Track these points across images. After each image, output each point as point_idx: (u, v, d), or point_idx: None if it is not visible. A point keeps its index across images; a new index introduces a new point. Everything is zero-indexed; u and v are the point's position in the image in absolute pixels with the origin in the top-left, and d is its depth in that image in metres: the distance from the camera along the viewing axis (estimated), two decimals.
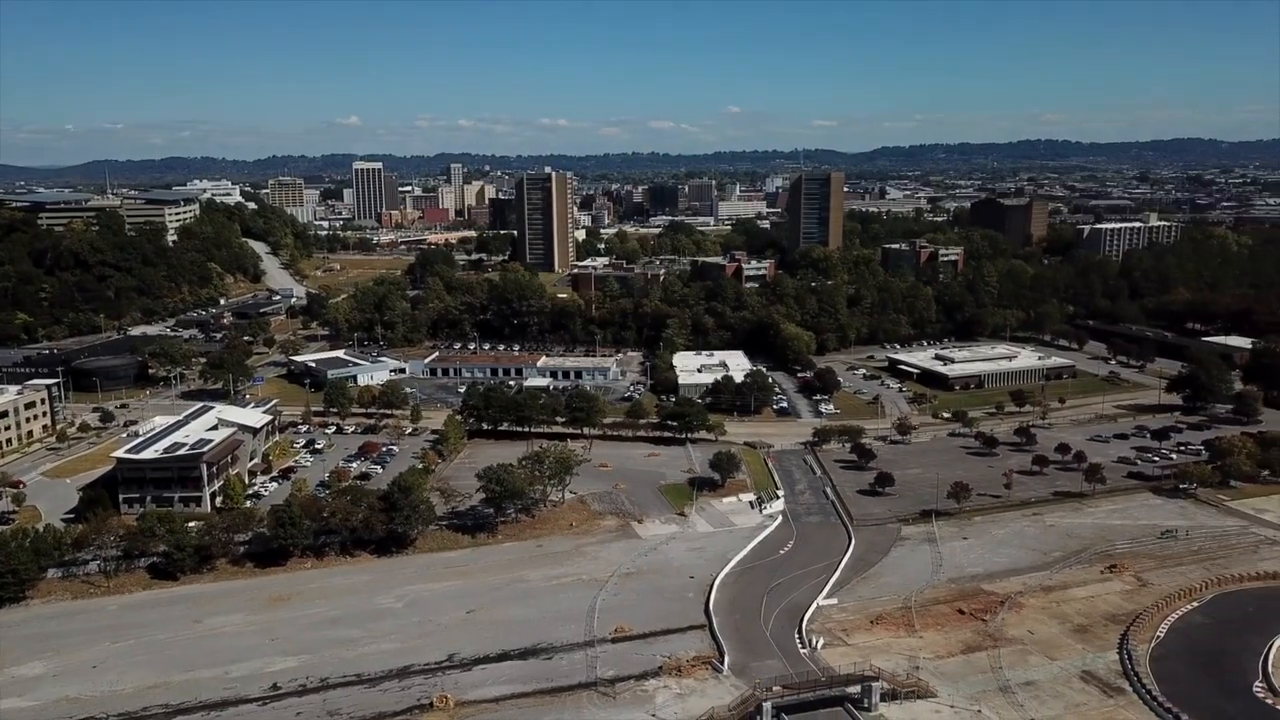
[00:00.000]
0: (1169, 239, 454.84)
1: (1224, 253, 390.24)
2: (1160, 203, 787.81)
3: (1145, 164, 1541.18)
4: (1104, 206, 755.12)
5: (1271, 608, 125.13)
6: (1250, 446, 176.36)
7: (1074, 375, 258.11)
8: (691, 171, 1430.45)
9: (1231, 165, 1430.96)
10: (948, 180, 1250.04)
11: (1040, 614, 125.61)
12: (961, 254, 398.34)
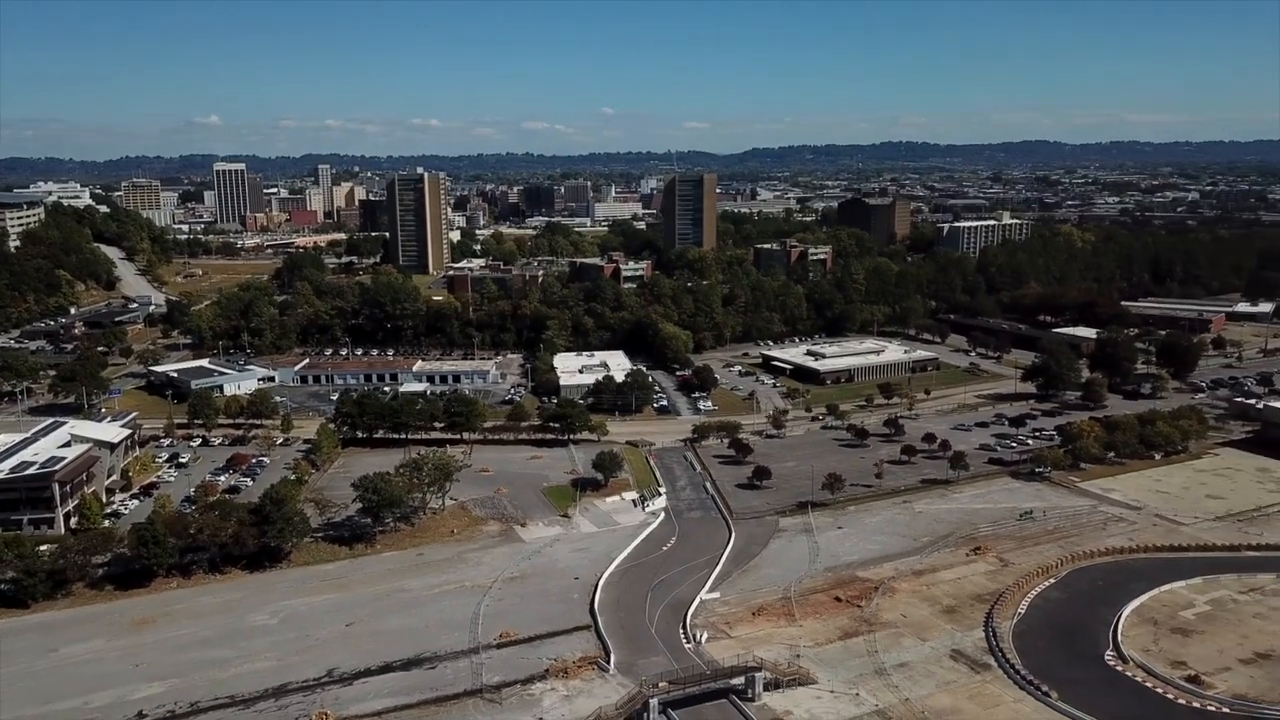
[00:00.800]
0: (1021, 236, 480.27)
1: (1070, 249, 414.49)
2: (1012, 202, 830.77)
3: (998, 165, 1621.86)
4: (961, 206, 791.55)
5: (1119, 580, 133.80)
6: (1097, 430, 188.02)
7: (937, 367, 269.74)
8: (567, 172, 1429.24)
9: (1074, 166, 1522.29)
10: (816, 181, 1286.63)
11: (912, 597, 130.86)
12: (830, 253, 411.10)
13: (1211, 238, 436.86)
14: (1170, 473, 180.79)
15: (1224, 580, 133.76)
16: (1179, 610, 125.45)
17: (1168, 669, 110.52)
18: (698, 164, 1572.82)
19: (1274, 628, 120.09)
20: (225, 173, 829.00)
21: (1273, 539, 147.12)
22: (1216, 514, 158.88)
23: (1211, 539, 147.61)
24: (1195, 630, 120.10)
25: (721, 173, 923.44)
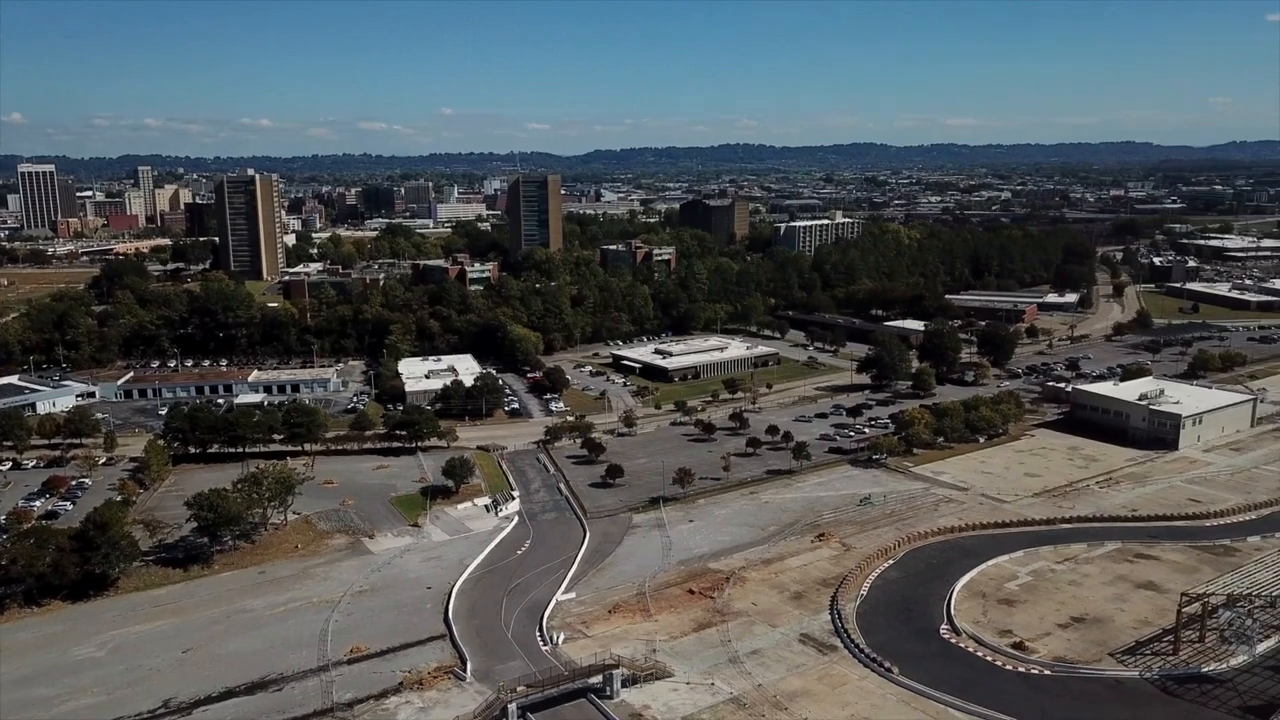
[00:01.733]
0: (853, 234, 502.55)
1: (898, 246, 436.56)
2: (844, 202, 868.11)
3: (830, 166, 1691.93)
4: (797, 206, 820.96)
5: (951, 558, 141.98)
6: (927, 417, 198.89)
7: (778, 362, 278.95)
8: (407, 173, 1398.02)
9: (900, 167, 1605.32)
10: (658, 182, 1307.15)
11: (762, 586, 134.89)
12: (674, 253, 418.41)
13: (1023, 234, 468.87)
14: (993, 454, 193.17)
15: (1042, 552, 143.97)
16: (1004, 582, 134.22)
17: (996, 638, 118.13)
18: (541, 165, 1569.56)
19: (1086, 594, 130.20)
20: (31, 175, 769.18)
21: (1083, 511, 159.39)
22: (1034, 491, 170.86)
23: (1031, 514, 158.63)
24: (1019, 600, 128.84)
25: (565, 174, 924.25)
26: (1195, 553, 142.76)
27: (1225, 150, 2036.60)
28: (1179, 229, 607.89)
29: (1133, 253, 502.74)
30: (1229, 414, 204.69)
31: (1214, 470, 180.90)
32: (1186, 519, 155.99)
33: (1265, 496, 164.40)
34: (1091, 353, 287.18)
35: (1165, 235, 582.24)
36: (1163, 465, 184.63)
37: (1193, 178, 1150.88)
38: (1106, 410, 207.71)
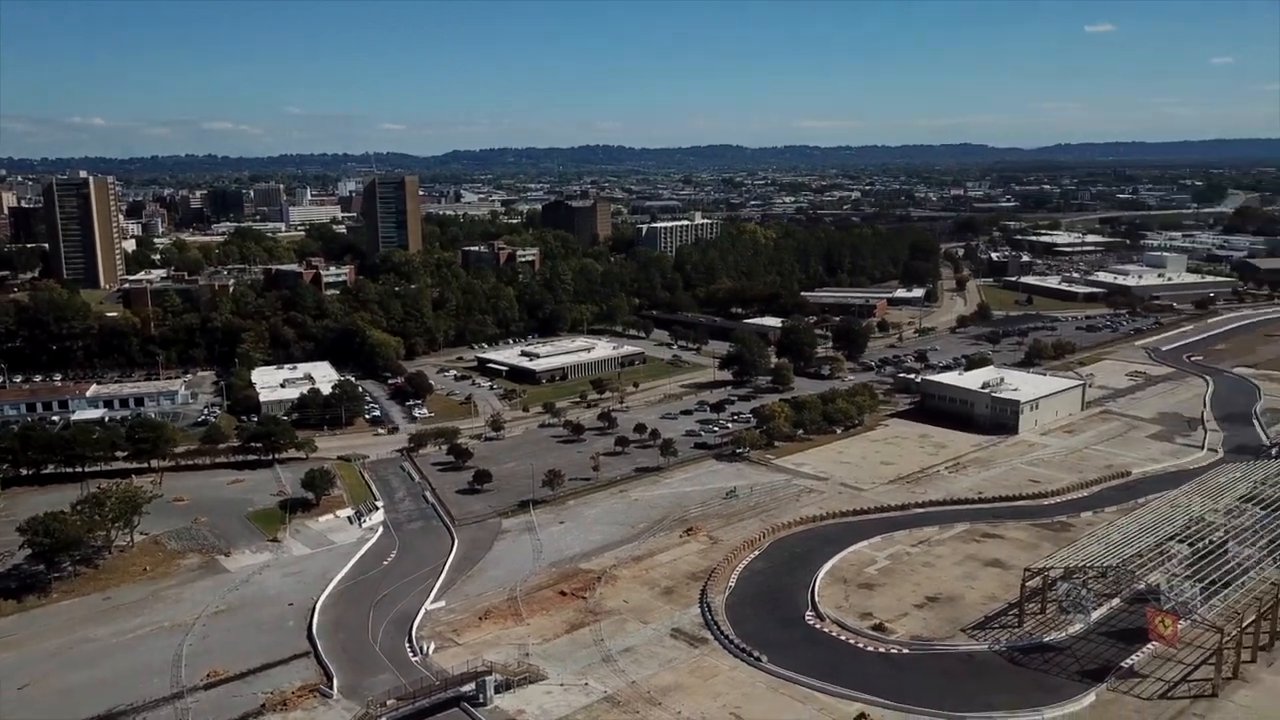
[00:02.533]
0: (712, 235, 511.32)
1: (755, 245, 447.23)
2: (703, 203, 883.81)
3: (688, 168, 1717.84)
4: (657, 207, 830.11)
5: (814, 546, 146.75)
6: (787, 411, 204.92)
7: (644, 361, 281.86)
8: (256, 175, 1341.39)
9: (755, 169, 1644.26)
10: (519, 183, 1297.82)
11: (633, 583, 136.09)
12: (538, 254, 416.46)
13: (873, 232, 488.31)
14: (850, 444, 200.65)
15: (898, 537, 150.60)
16: (864, 567, 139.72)
17: (857, 621, 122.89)
18: (398, 166, 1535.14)
19: (939, 574, 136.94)
20: None
21: (934, 496, 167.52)
22: (889, 478, 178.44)
23: (887, 501, 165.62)
24: (878, 583, 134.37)
25: (423, 175, 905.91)
26: (1036, 530, 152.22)
27: (1052, 152, 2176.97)
28: (1013, 226, 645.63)
29: (973, 249, 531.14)
30: (1062, 399, 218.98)
31: (1050, 452, 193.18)
32: (1027, 499, 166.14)
33: (1095, 475, 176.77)
34: (938, 344, 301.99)
35: (1001, 232, 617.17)
36: (1005, 449, 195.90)
37: (1024, 178, 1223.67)
38: (953, 399, 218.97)
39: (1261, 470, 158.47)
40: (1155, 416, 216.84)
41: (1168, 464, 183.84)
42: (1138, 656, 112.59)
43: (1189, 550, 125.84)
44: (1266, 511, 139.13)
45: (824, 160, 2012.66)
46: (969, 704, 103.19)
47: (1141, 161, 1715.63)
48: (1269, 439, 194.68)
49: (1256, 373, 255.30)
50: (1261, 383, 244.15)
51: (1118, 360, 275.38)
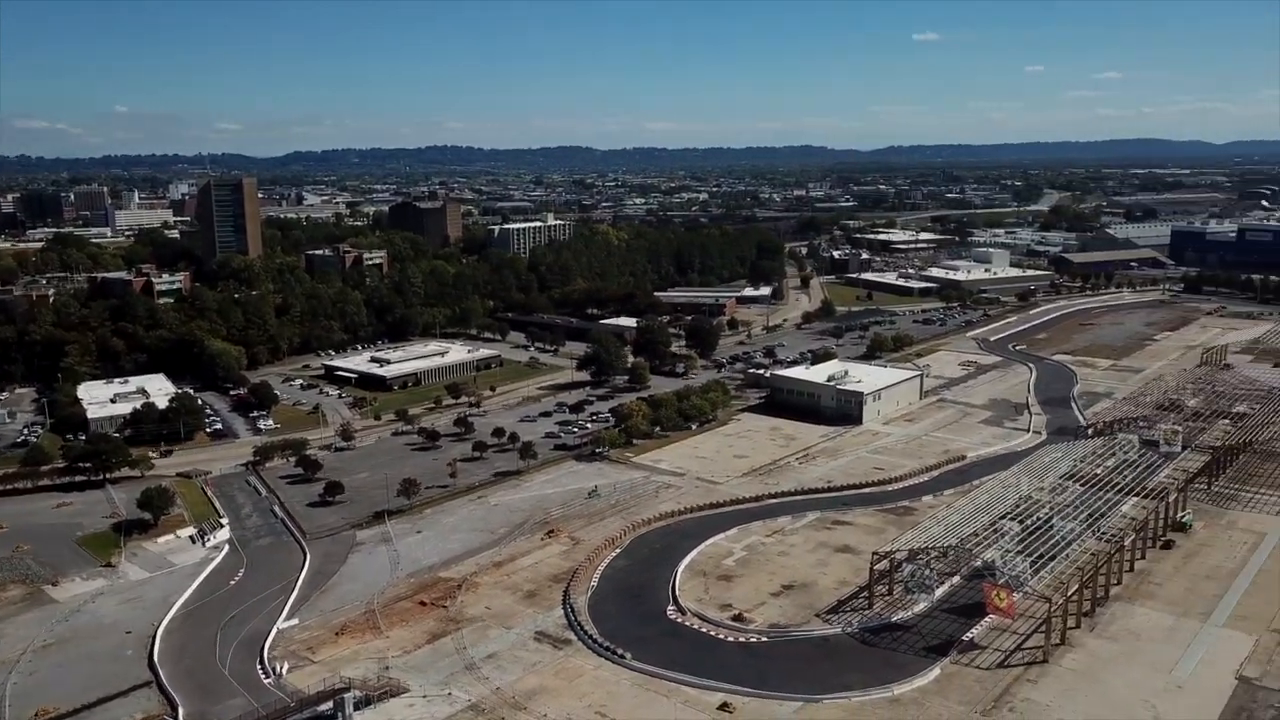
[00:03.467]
0: (565, 236, 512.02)
1: (608, 246, 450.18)
2: (555, 204, 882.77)
3: (539, 169, 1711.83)
4: (509, 208, 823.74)
5: (673, 541, 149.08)
6: (644, 409, 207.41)
7: (500, 364, 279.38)
8: (77, 177, 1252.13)
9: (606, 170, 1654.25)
10: (364, 185, 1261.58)
11: (495, 588, 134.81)
12: (386, 257, 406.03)
13: (720, 233, 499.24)
14: (705, 440, 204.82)
15: (753, 528, 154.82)
16: (722, 559, 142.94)
17: (717, 612, 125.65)
18: (235, 167, 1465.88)
19: (794, 562, 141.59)
20: None
21: (786, 486, 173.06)
22: (743, 471, 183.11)
23: (741, 493, 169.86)
24: (736, 574, 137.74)
25: (262, 176, 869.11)
26: (882, 515, 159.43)
27: (886, 154, 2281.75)
28: (853, 225, 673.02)
29: (815, 248, 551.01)
30: (902, 389, 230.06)
31: (892, 440, 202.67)
32: (873, 485, 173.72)
33: (934, 460, 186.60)
34: (785, 340, 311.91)
35: (842, 231, 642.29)
36: (851, 439, 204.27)
37: (861, 179, 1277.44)
38: (801, 392, 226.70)
39: (1079, 449, 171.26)
40: (986, 403, 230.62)
41: (998, 447, 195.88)
42: (977, 630, 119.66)
43: (1019, 527, 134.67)
44: (1085, 488, 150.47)
45: (672, 162, 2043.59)
46: (825, 686, 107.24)
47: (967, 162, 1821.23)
48: (1085, 420, 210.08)
49: (1073, 359, 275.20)
50: (1077, 368, 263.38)
51: (951, 351, 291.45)
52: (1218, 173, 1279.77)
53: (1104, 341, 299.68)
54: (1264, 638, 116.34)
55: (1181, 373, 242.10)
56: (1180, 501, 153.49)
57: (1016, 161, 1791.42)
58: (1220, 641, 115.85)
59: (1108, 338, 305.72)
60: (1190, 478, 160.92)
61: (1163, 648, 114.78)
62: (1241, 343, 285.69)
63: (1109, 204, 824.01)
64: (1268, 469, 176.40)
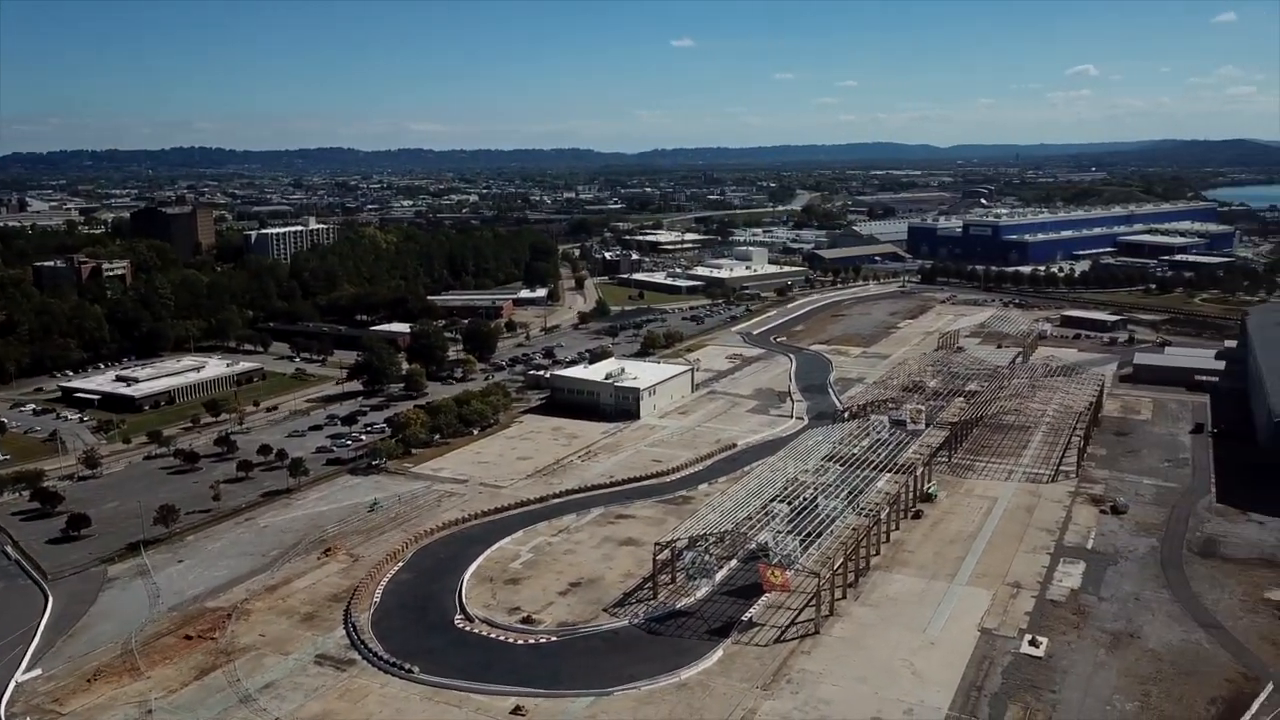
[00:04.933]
0: (329, 240, 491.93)
1: (376, 250, 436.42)
2: (316, 207, 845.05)
3: (298, 171, 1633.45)
4: (267, 213, 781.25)
5: (458, 549, 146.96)
6: (422, 417, 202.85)
7: (264, 377, 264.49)
8: None
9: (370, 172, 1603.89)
10: (100, 189, 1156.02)
11: (269, 614, 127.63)
12: (129, 266, 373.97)
13: (493, 235, 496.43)
14: (487, 444, 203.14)
15: (539, 528, 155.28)
16: (509, 563, 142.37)
17: (506, 616, 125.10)
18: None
19: (580, 559, 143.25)
20: None
21: (570, 485, 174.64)
22: (527, 473, 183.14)
23: (526, 495, 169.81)
24: (523, 577, 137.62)
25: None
26: (662, 506, 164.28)
27: (651, 157, 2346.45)
28: (623, 226, 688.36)
29: (588, 249, 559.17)
30: (675, 384, 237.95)
31: (668, 433, 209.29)
32: (653, 478, 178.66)
33: (707, 450, 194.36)
34: (563, 341, 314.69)
35: (612, 232, 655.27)
36: (630, 434, 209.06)
37: (628, 181, 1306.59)
38: (580, 391, 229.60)
39: (838, 432, 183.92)
40: (752, 393, 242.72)
41: (766, 434, 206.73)
42: (755, 609, 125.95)
43: (788, 508, 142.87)
44: (844, 467, 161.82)
45: (439, 163, 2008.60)
46: (616, 679, 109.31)
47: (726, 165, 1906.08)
48: (841, 405, 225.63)
49: (828, 348, 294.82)
50: (833, 357, 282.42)
51: (719, 345, 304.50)
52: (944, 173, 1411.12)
53: (854, 331, 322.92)
54: (999, 591, 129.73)
55: (922, 357, 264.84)
56: (926, 474, 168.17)
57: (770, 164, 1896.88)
58: (964, 599, 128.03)
59: (857, 327, 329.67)
60: (933, 452, 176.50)
61: (917, 609, 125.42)
62: (971, 327, 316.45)
63: (854, 203, 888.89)
64: (996, 440, 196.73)
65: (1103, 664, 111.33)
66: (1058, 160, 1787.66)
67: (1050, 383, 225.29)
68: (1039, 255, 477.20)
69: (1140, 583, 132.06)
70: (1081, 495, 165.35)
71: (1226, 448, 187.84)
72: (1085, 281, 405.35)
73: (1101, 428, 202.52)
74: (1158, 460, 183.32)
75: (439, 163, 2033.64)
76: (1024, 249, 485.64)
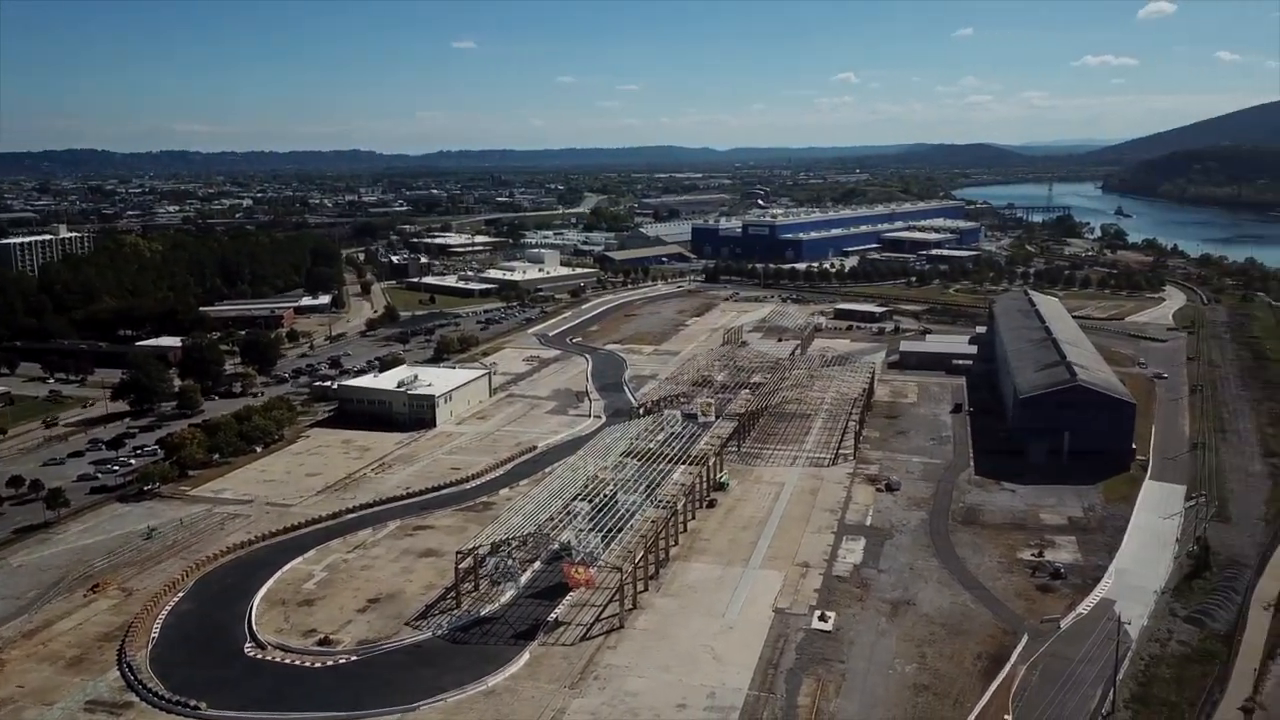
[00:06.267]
0: (84, 249, 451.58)
1: (140, 259, 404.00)
2: (67, 214, 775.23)
3: (43, 175, 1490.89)
4: (7, 220, 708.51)
5: (245, 574, 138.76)
6: (199, 436, 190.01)
7: (11, 402, 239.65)
8: None
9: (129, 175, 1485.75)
10: None
11: (28, 662, 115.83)
12: None
13: (270, 240, 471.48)
14: (273, 461, 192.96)
15: (333, 546, 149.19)
16: (302, 584, 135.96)
17: (301, 640, 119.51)
18: None
19: (378, 574, 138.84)
20: None
21: (365, 499, 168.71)
22: (318, 489, 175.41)
23: (318, 512, 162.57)
24: (318, 597, 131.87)
25: None
26: (463, 514, 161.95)
27: (436, 159, 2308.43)
28: (409, 230, 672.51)
29: (373, 253, 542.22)
30: (472, 388, 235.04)
31: (467, 439, 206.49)
32: (452, 486, 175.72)
33: (507, 454, 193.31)
34: (351, 349, 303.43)
35: (399, 236, 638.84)
36: (426, 443, 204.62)
37: (413, 183, 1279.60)
38: (372, 401, 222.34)
39: (634, 428, 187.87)
40: (550, 394, 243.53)
41: (565, 434, 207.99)
42: (560, 609, 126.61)
43: (589, 506, 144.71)
44: (642, 462, 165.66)
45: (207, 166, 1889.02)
46: (422, 692, 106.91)
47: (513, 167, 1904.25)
48: (636, 401, 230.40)
49: (622, 347, 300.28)
50: (626, 355, 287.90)
51: (515, 348, 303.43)
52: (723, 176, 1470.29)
53: (646, 329, 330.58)
54: (790, 572, 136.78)
55: (709, 352, 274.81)
56: (718, 464, 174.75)
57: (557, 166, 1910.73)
58: (758, 582, 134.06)
59: (649, 326, 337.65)
60: (724, 443, 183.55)
61: (715, 595, 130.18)
62: (753, 322, 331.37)
63: (640, 205, 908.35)
64: (781, 428, 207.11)
65: (884, 632, 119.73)
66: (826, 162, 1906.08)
67: (827, 372, 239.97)
68: (813, 252, 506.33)
69: (913, 553, 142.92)
70: (859, 476, 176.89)
71: (981, 424, 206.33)
72: (855, 276, 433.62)
73: (874, 412, 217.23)
74: (924, 439, 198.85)
75: (207, 165, 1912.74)
76: (799, 247, 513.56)
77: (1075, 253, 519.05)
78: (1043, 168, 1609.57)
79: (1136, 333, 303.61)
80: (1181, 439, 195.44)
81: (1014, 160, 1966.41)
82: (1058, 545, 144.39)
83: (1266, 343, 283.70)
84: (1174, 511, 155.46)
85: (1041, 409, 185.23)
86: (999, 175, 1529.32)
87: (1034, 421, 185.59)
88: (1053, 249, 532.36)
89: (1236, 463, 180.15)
